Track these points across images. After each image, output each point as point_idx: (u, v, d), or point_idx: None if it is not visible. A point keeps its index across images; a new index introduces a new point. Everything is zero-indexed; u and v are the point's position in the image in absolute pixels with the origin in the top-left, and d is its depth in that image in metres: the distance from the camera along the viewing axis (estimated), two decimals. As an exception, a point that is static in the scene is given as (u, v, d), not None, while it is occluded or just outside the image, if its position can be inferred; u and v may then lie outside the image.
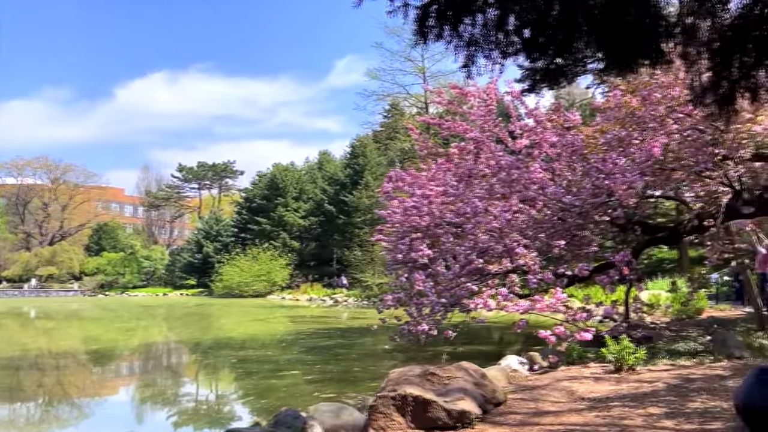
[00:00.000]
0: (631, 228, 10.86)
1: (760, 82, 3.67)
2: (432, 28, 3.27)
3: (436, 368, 5.81)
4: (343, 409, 5.54)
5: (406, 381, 5.50)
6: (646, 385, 6.89)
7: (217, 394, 10.26)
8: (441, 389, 5.42)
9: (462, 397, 5.24)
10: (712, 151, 9.92)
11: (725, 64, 3.63)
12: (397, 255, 13.27)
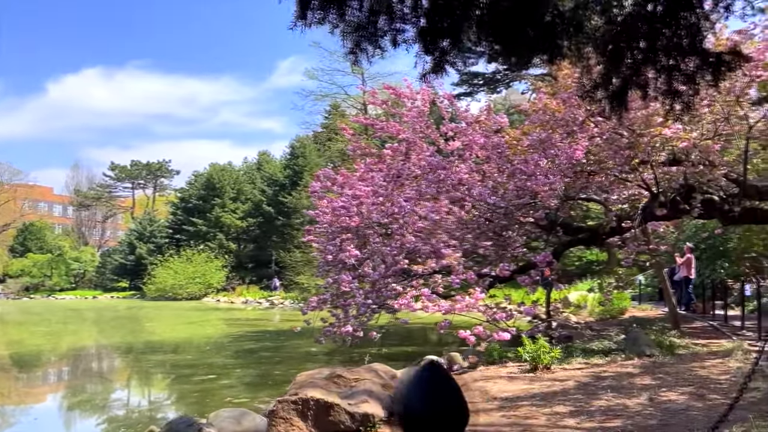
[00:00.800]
0: (553, 229, 11.03)
1: (650, 78, 3.68)
2: (315, 10, 3.08)
3: (345, 370, 5.64)
4: (245, 415, 5.30)
5: (311, 384, 5.30)
6: (558, 383, 6.94)
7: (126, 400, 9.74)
8: (347, 392, 5.25)
9: (366, 399, 5.08)
10: (629, 154, 10.19)
11: (616, 60, 3.61)
12: (327, 256, 13.05)
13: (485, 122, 12.57)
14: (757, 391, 5.82)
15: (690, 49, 3.57)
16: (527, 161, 10.39)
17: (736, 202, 11.22)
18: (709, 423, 4.83)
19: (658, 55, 3.61)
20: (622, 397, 5.99)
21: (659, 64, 3.60)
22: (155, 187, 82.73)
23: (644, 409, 5.43)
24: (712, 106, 10.60)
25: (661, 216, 10.24)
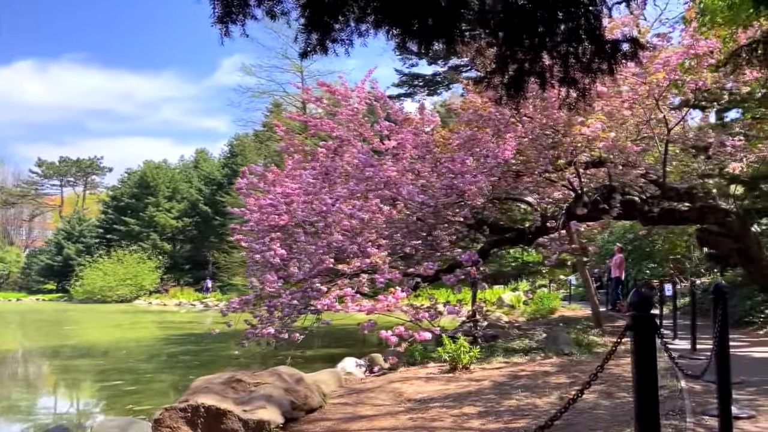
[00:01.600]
0: (481, 228, 11.01)
1: (546, 65, 3.53)
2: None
3: (245, 374, 5.30)
4: (133, 424, 4.89)
5: (206, 390, 4.93)
6: (474, 383, 6.81)
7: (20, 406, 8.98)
8: (244, 397, 4.91)
9: (264, 405, 4.76)
10: (554, 154, 10.27)
11: (513, 45, 3.45)
12: (255, 255, 12.61)
13: (416, 121, 12.44)
14: (662, 390, 5.84)
15: (587, 36, 3.44)
16: (454, 160, 10.31)
17: (656, 203, 11.52)
18: (612, 422, 4.77)
19: (555, 41, 3.47)
20: (534, 396, 5.90)
21: (556, 50, 3.46)
22: (86, 185, 79.23)
23: (552, 408, 5.33)
24: (634, 109, 10.85)
25: (583, 216, 10.34)
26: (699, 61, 9.54)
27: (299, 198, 12.47)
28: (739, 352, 8.61)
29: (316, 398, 5.54)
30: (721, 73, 10.19)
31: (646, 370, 2.20)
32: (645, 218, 11.62)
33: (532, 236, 11.15)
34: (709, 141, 11.71)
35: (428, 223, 11.22)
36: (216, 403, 4.61)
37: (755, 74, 9.56)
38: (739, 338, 10.32)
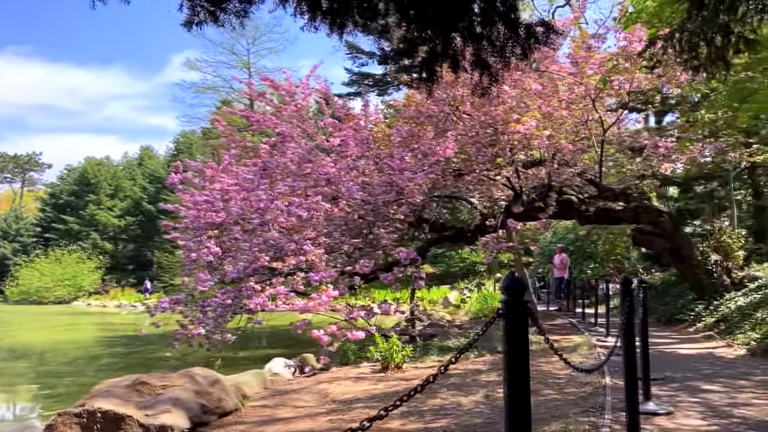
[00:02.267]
0: (420, 226, 10.88)
1: (458, 48, 3.38)
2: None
3: (152, 377, 4.97)
4: (28, 430, 4.49)
5: (107, 394, 4.58)
6: (404, 383, 6.64)
7: None
8: (149, 401, 4.59)
9: (169, 409, 4.45)
10: (492, 152, 10.23)
11: (422, 25, 3.27)
12: (191, 254, 12.13)
13: (358, 117, 12.24)
14: (587, 387, 5.82)
15: (501, 19, 3.29)
16: (393, 156, 10.16)
17: (593, 203, 11.67)
18: (534, 419, 4.66)
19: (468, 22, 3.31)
20: (460, 395, 5.77)
21: (468, 32, 3.30)
22: (24, 182, 75.74)
23: (476, 407, 5.22)
24: (572, 109, 10.95)
25: (520, 214, 10.35)
26: (633, 62, 9.68)
27: (238, 195, 12.09)
28: (668, 348, 8.76)
29: (231, 401, 5.25)
30: (654, 75, 10.41)
31: (517, 359, 2.04)
32: (582, 218, 11.75)
33: (471, 235, 11.10)
34: (644, 143, 11.95)
35: (368, 220, 11.02)
36: (114, 407, 4.28)
37: (686, 76, 9.77)
38: (670, 335, 10.54)
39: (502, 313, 1.98)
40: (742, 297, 10.76)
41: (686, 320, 11.72)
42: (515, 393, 2.00)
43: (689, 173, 15.10)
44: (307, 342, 14.33)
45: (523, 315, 1.96)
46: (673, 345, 9.08)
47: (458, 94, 9.69)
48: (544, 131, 8.87)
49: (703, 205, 15.70)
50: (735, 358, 7.64)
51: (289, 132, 13.08)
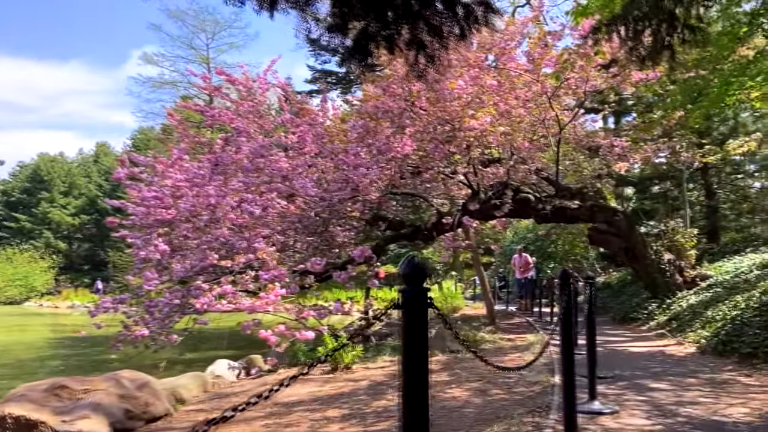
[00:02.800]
0: (376, 223, 10.68)
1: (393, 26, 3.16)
2: None
3: (74, 380, 4.62)
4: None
5: (22, 398, 4.23)
6: (351, 384, 6.42)
7: None
8: (67, 406, 4.25)
9: (88, 414, 4.13)
10: (449, 149, 10.09)
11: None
12: (140, 252, 11.66)
13: (314, 111, 11.95)
14: (536, 386, 5.69)
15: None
16: (347, 152, 9.92)
17: (549, 201, 11.66)
18: (477, 420, 4.50)
19: (403, 0, 3.10)
20: (407, 396, 5.56)
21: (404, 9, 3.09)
22: (-27, 179, 72.82)
23: (421, 408, 5.01)
24: (529, 108, 10.91)
25: (476, 211, 10.24)
26: (587, 60, 9.66)
27: (189, 191, 11.68)
28: (620, 347, 8.76)
29: (161, 405, 4.94)
30: (609, 74, 10.44)
31: (416, 355, 1.83)
32: (538, 216, 11.72)
33: (428, 233, 10.94)
34: (600, 143, 12.01)
35: (323, 218, 10.76)
36: (27, 412, 3.94)
37: (639, 75, 9.81)
38: (623, 334, 10.58)
39: (400, 303, 1.77)
40: (693, 296, 10.88)
41: (640, 319, 11.80)
42: (413, 394, 1.79)
43: (644, 173, 15.29)
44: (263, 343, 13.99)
45: (422, 305, 1.75)
46: (626, 343, 9.09)
47: (414, 89, 9.50)
48: (500, 127, 8.76)
49: (658, 205, 15.93)
50: (685, 356, 7.65)
51: (245, 127, 12.73)
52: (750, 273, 10.88)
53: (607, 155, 11.87)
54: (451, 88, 8.63)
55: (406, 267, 1.73)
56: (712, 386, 5.50)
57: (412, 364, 1.80)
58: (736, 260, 13.23)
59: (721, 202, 16.00)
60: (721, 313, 8.71)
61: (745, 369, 6.35)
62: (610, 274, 20.99)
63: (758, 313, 7.42)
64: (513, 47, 10.33)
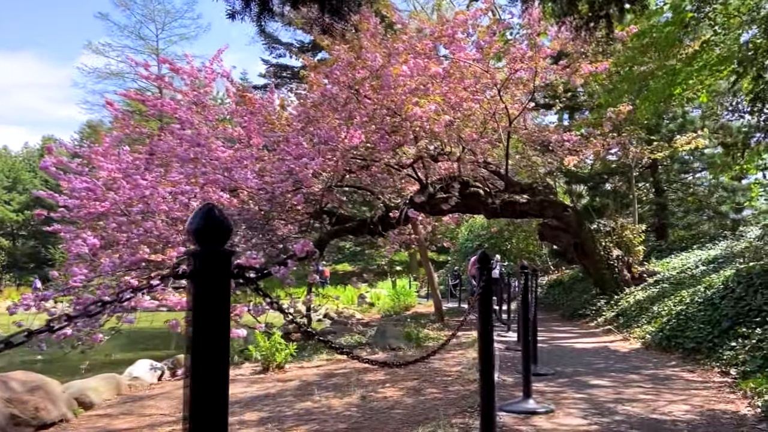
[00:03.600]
0: (320, 217, 10.24)
1: None
2: None
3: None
4: None
5: None
6: (280, 385, 5.99)
7: None
8: (-66, 414, 3.69)
9: (-45, 423, 3.58)
10: (396, 140, 9.74)
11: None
12: (72, 247, 10.93)
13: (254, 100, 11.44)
14: (473, 384, 5.38)
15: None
16: (288, 140, 9.47)
17: (499, 196, 11.44)
18: (404, 422, 4.14)
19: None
20: (335, 396, 5.18)
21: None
22: None
23: (347, 410, 4.64)
24: (480, 101, 10.66)
25: (423, 204, 9.93)
26: (537, 51, 9.47)
27: (126, 183, 11.01)
28: (566, 343, 8.56)
29: (56, 410, 4.41)
30: (559, 66, 10.28)
31: (210, 340, 1.38)
32: (488, 211, 11.48)
33: (374, 227, 10.56)
34: (551, 137, 11.87)
35: (265, 211, 10.27)
36: None
37: (588, 67, 9.66)
38: (571, 330, 10.44)
39: (187, 270, 1.34)
40: (640, 291, 10.83)
41: (589, 315, 11.72)
42: (204, 402, 1.34)
43: (595, 169, 15.29)
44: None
45: (222, 274, 1.33)
46: (572, 339, 8.91)
47: (359, 75, 9.11)
48: (444, 116, 8.44)
49: (609, 202, 15.97)
50: (629, 351, 7.49)
51: (188, 118, 12.13)
52: (696, 269, 10.91)
53: (558, 149, 11.74)
54: (394, 74, 8.27)
55: (198, 220, 1.30)
56: (654, 382, 5.29)
57: (203, 361, 1.36)
58: (682, 256, 13.32)
59: (669, 200, 16.15)
60: (667, 309, 8.62)
61: (689, 364, 6.19)
62: (562, 271, 21.08)
63: (702, 308, 7.31)
64: (463, 38, 10.06)
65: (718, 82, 13.47)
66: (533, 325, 6.29)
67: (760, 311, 6.20)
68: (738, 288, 7.10)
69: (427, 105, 8.05)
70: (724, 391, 4.82)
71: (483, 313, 2.90)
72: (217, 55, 14.35)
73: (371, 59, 8.55)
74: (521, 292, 4.83)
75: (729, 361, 5.67)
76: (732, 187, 14.67)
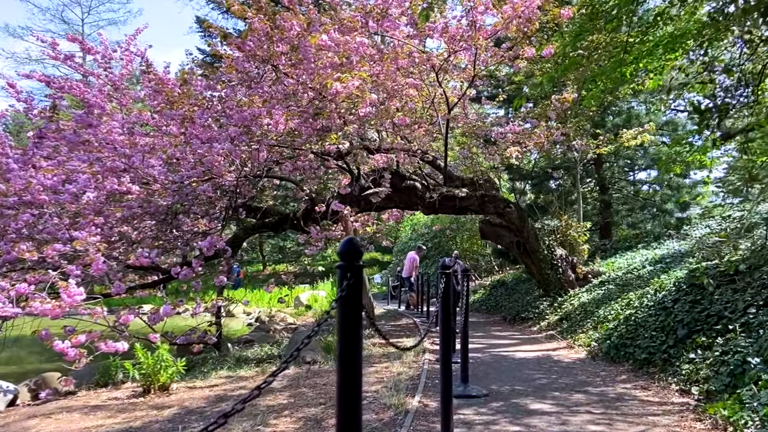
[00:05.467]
0: (235, 210, 9.04)
1: None
2: None
3: None
4: None
5: None
6: (153, 414, 4.80)
7: None
8: None
9: None
10: (322, 124, 8.64)
11: None
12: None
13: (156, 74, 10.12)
14: (390, 411, 4.35)
15: None
16: (193, 120, 8.24)
17: (437, 190, 10.52)
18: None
19: None
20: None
21: None
22: None
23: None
24: (420, 87, 9.72)
25: (352, 199, 8.89)
26: (477, 31, 8.58)
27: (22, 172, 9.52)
28: (506, 351, 7.67)
29: None
30: (501, 50, 9.46)
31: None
32: (425, 206, 10.55)
33: (298, 222, 9.43)
34: (493, 130, 11.06)
35: (170, 204, 8.98)
36: None
37: (532, 51, 8.85)
38: (512, 335, 9.60)
39: None
40: (585, 293, 10.12)
41: (531, 318, 10.94)
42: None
43: (539, 164, 14.62)
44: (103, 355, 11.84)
45: None
46: (513, 347, 8.02)
47: (278, 50, 7.95)
48: (371, 95, 7.40)
49: (552, 198, 15.33)
50: (574, 361, 6.64)
51: (98, 102, 10.69)
52: (642, 269, 10.27)
53: (500, 141, 10.92)
54: (313, 44, 7.17)
55: None
56: (605, 405, 4.39)
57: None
58: (628, 256, 12.76)
59: (613, 198, 15.66)
60: (614, 312, 7.87)
61: (641, 379, 5.36)
62: (506, 271, 20.44)
63: (653, 313, 6.53)
64: (397, 14, 9.05)
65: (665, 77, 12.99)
66: (463, 335, 5.34)
67: (720, 317, 5.43)
68: (692, 290, 6.36)
69: (350, 81, 6.98)
70: (687, 418, 3.96)
71: (343, 328, 1.87)
72: (136, 35, 12.87)
73: (288, 28, 7.43)
74: (441, 297, 3.85)
75: (688, 377, 4.85)
76: (677, 185, 14.27)
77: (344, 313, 1.87)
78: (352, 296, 1.88)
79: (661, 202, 14.70)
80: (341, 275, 1.91)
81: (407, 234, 25.57)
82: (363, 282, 6.85)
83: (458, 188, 10.68)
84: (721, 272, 6.31)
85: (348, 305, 1.87)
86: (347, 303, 1.87)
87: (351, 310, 1.88)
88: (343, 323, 1.87)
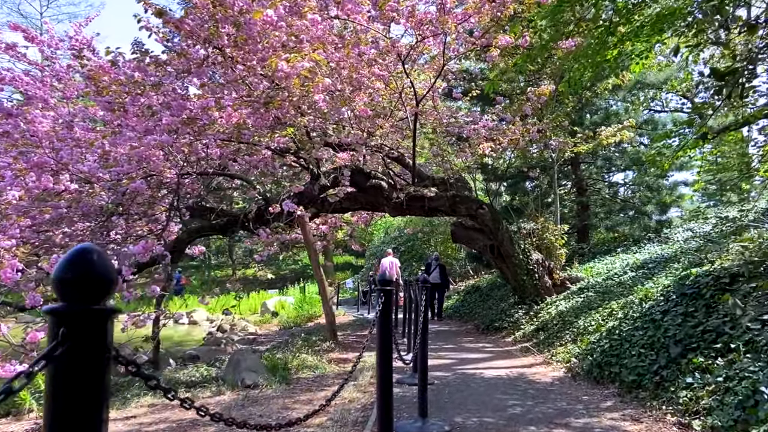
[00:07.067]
0: (178, 211, 8.11)
1: None
2: None
3: None
4: None
5: None
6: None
7: None
8: None
9: None
10: (274, 114, 7.76)
11: None
12: None
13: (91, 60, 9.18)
14: None
15: None
16: (126, 110, 7.31)
17: (405, 189, 9.72)
18: None
19: None
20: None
21: None
22: None
23: None
24: (390, 83, 8.93)
25: (310, 198, 8.03)
26: (446, 14, 7.80)
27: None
28: (476, 369, 6.85)
29: None
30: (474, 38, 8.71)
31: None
32: (392, 207, 9.73)
33: (249, 223, 8.53)
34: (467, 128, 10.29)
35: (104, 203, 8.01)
36: None
37: (507, 39, 8.09)
38: (484, 348, 8.80)
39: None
40: (563, 301, 9.38)
41: (506, 327, 10.18)
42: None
43: (514, 164, 13.91)
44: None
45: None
46: (484, 363, 7.22)
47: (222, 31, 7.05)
48: (324, 79, 6.55)
49: (528, 200, 14.64)
50: (552, 381, 5.86)
51: (39, 94, 9.68)
52: (624, 275, 9.57)
53: (473, 137, 10.15)
54: (257, 19, 6.29)
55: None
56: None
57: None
58: (607, 261, 12.10)
59: (591, 200, 15.02)
60: (595, 324, 7.12)
61: (631, 406, 4.59)
62: (481, 276, 19.72)
63: (640, 326, 5.78)
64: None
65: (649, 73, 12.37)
66: (422, 361, 4.52)
67: (719, 333, 4.69)
68: (683, 300, 5.63)
69: (300, 62, 6.11)
70: (693, 467, 3.17)
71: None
72: (85, 24, 11.81)
73: (231, 4, 6.56)
74: (378, 317, 3.04)
75: (687, 406, 4.09)
76: (657, 186, 13.67)
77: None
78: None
79: (641, 204, 14.09)
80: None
81: (380, 237, 24.76)
82: (324, 291, 5.91)
83: (427, 188, 9.88)
84: (715, 279, 5.59)
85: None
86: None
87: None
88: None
